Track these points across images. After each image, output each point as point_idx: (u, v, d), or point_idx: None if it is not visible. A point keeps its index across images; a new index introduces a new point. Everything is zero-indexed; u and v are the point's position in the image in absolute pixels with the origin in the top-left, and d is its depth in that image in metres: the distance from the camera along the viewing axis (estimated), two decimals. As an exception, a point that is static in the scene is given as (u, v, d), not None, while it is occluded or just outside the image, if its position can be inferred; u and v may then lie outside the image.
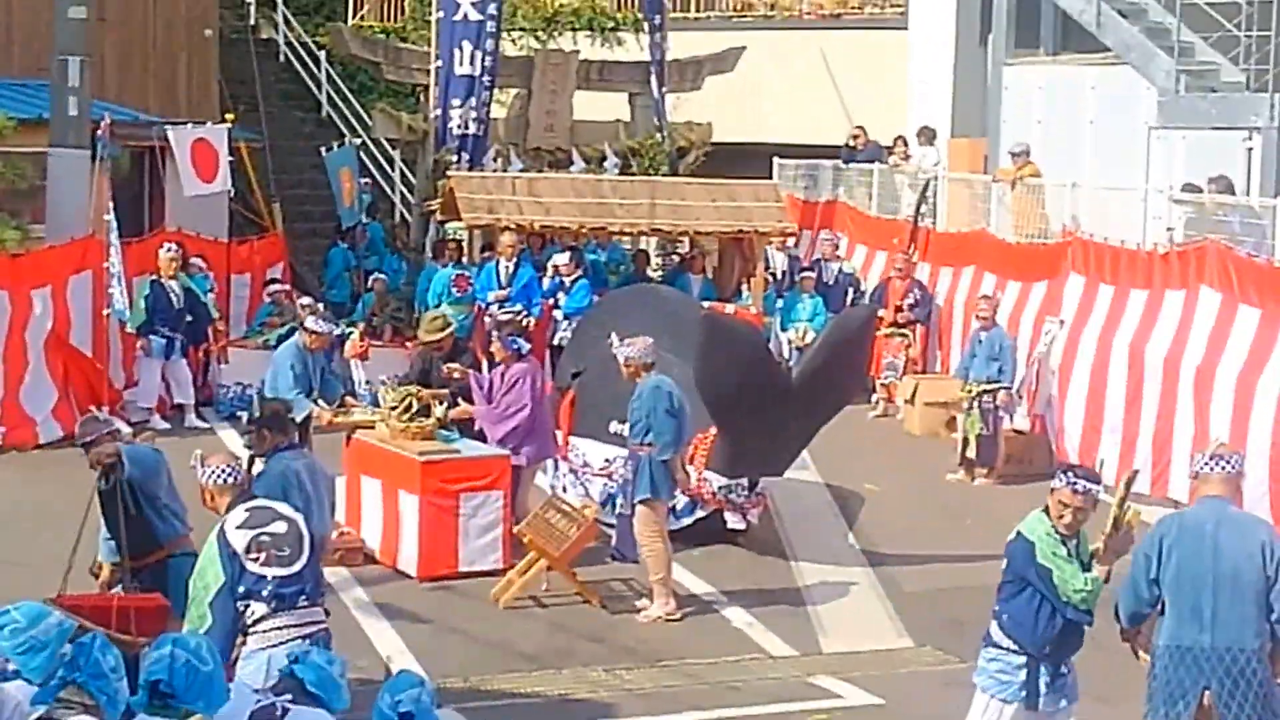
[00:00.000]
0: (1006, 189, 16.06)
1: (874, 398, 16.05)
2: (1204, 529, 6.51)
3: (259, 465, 7.98)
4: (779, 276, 17.63)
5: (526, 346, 11.25)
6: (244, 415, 7.95)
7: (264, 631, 6.57)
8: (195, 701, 4.67)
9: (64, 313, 13.94)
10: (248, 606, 6.54)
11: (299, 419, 10.89)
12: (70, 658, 4.55)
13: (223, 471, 7.09)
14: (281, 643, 6.48)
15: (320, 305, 14.87)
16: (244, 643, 6.58)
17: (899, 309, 16.03)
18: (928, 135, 18.36)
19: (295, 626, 6.61)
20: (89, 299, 14.27)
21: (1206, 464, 6.72)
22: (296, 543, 6.72)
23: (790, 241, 17.73)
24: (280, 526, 6.73)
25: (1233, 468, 6.68)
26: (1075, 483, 6.33)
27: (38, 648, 4.88)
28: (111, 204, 13.99)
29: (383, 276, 17.46)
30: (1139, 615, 6.72)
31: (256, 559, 6.60)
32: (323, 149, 19.86)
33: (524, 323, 14.12)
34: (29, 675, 4.82)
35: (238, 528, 6.69)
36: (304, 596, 6.67)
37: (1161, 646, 6.59)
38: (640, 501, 9.95)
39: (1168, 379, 12.21)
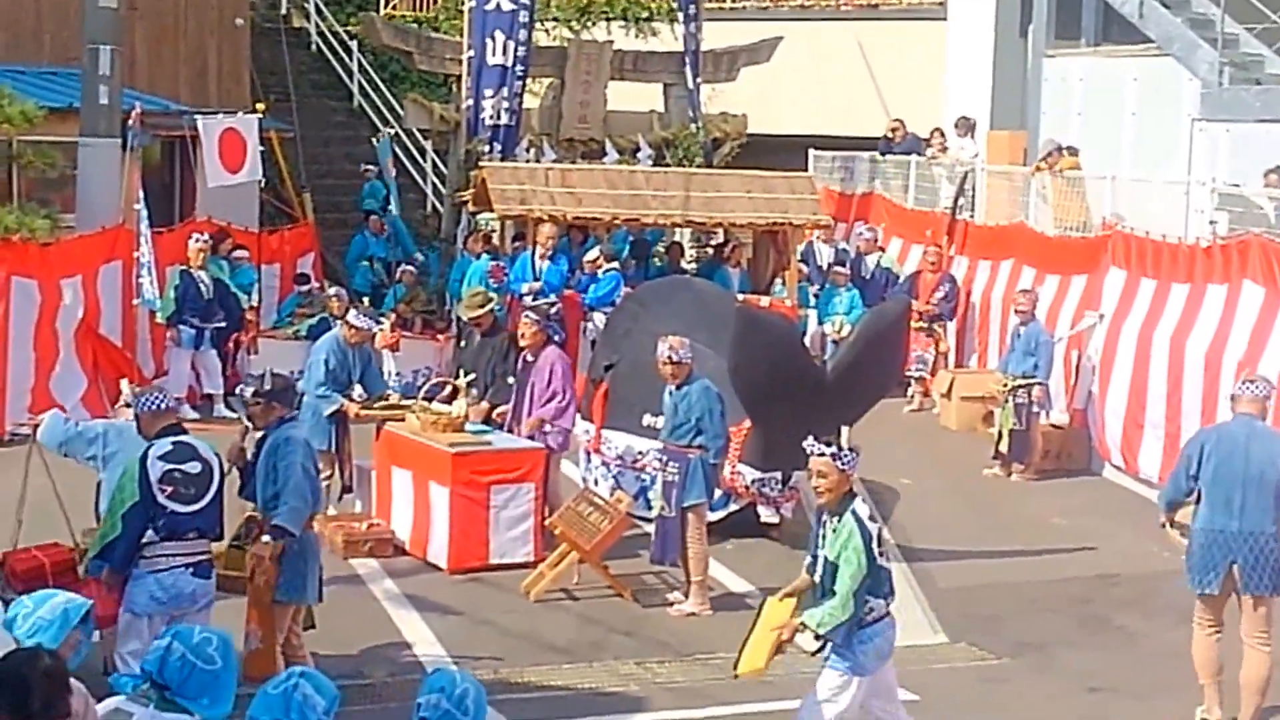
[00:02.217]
0: (1046, 182, 15.86)
1: (909, 392, 15.90)
2: (1237, 439, 8.03)
3: (254, 437, 8.08)
4: (824, 269, 17.45)
5: (562, 335, 11.16)
6: (249, 389, 7.99)
7: (150, 556, 7.32)
8: (196, 699, 4.59)
9: (94, 302, 13.92)
10: (145, 530, 7.29)
11: (328, 412, 10.91)
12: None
13: (154, 399, 7.77)
14: (167, 569, 7.34)
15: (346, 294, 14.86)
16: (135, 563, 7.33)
17: (929, 302, 15.85)
18: (966, 127, 18.17)
19: (181, 555, 7.37)
20: (119, 288, 14.25)
21: (1242, 387, 8.28)
22: (205, 484, 7.40)
23: (835, 236, 17.60)
24: (195, 467, 7.40)
25: (1261, 391, 8.19)
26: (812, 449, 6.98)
27: (44, 627, 4.98)
28: (142, 193, 13.94)
29: (411, 268, 17.38)
30: (1176, 502, 8.29)
31: (164, 491, 7.30)
32: (375, 139, 19.77)
33: (554, 311, 14.04)
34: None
35: (159, 457, 7.36)
36: (195, 531, 7.40)
37: (1199, 529, 8.06)
38: (693, 506, 9.87)
39: (1209, 374, 12.06)
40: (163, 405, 7.76)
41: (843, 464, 7.01)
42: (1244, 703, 8.08)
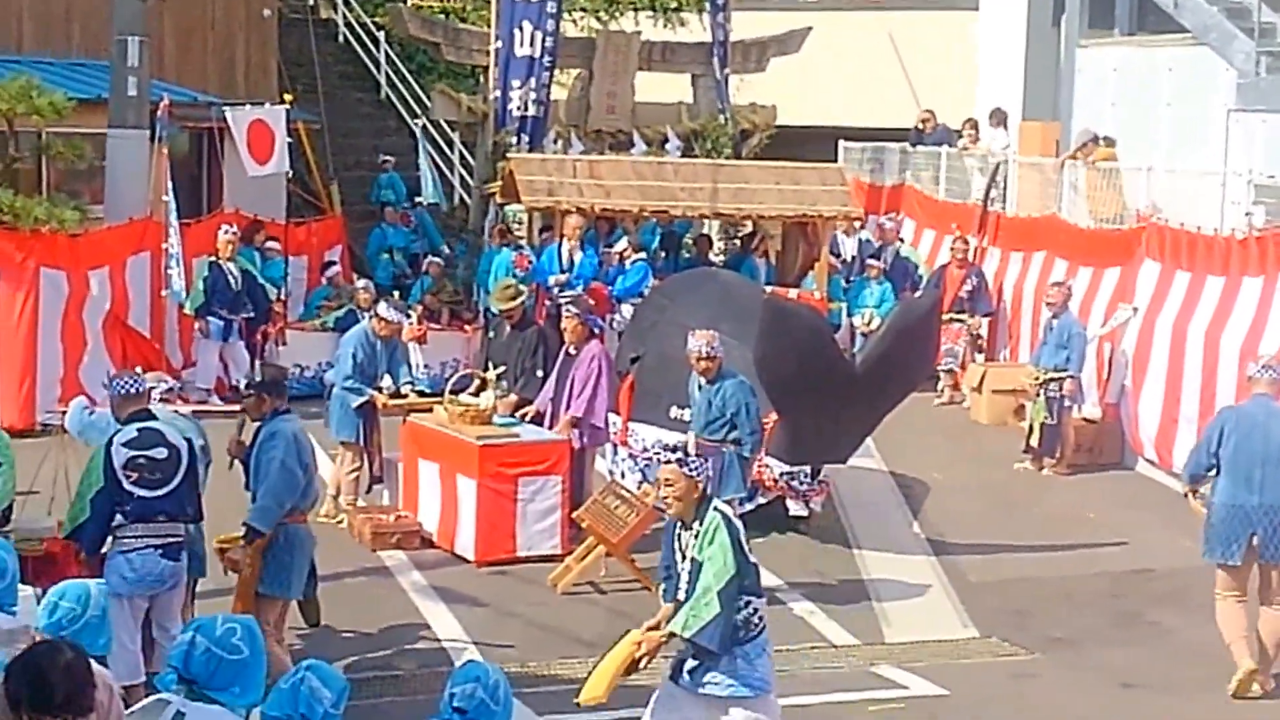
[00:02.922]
0: (1079, 173, 15.72)
1: (939, 385, 15.78)
2: (1257, 419, 8.57)
3: (251, 428, 8.10)
4: (849, 261, 17.36)
5: (600, 324, 11.12)
6: (243, 382, 8.01)
7: (122, 538, 7.49)
8: (226, 690, 4.55)
9: (122, 293, 13.92)
10: (114, 514, 7.48)
11: (355, 405, 10.89)
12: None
13: (126, 383, 7.88)
14: (136, 550, 7.48)
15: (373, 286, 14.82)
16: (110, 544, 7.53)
17: (957, 296, 15.70)
18: (998, 118, 18.02)
19: (151, 537, 7.50)
20: (147, 280, 14.24)
21: (1259, 370, 8.79)
22: (172, 469, 7.52)
23: (858, 226, 17.46)
24: (161, 453, 7.52)
25: (1276, 373, 8.71)
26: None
27: (95, 625, 5.14)
28: (171, 185, 13.94)
29: (438, 259, 17.34)
30: (1198, 476, 8.82)
31: (130, 477, 7.44)
32: (416, 127, 19.67)
33: (590, 303, 13.98)
34: (98, 651, 4.98)
35: (123, 444, 7.49)
36: (164, 514, 7.52)
37: (1220, 504, 8.56)
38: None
39: (1244, 368, 11.88)
40: (134, 389, 7.86)
41: (691, 471, 6.63)
42: (1265, 658, 8.61)
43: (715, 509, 6.60)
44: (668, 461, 6.81)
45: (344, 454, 11.31)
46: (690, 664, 6.59)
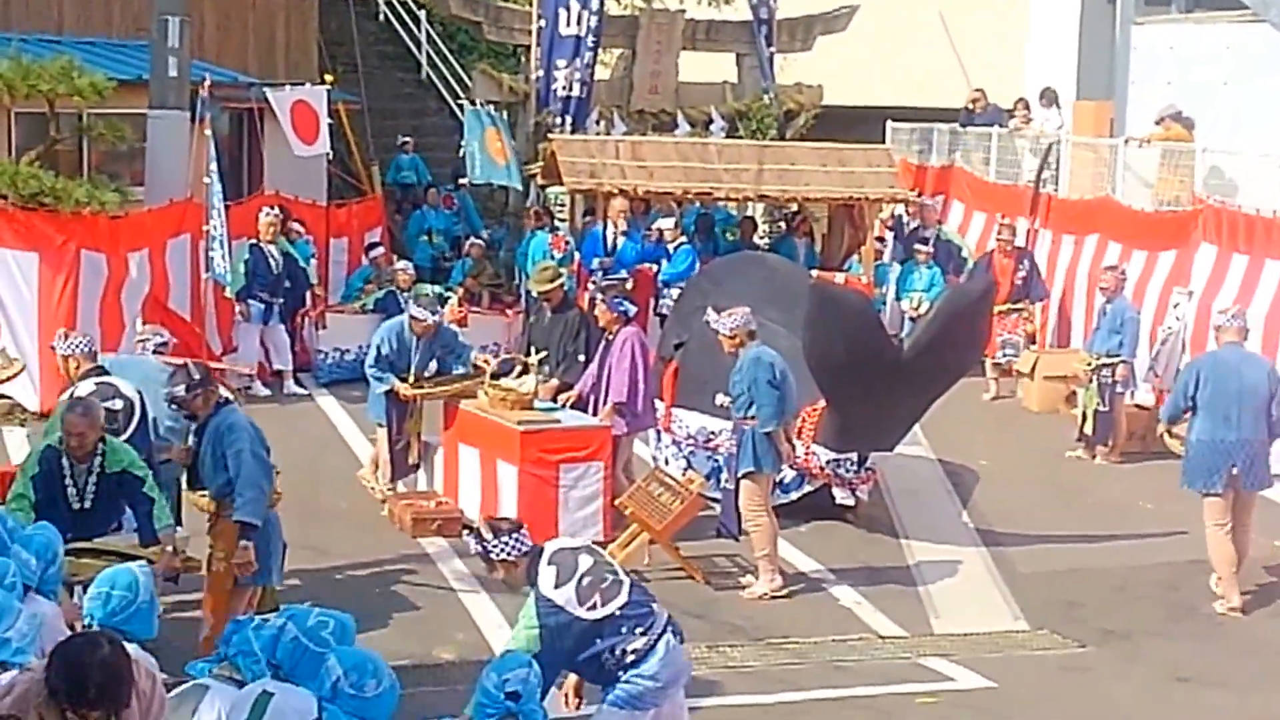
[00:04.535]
0: (1135, 153, 15.41)
1: (989, 378, 15.45)
2: (1230, 363, 9.68)
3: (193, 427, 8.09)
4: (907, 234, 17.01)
5: (633, 309, 10.98)
6: (173, 390, 7.96)
7: None
8: (307, 681, 4.66)
9: (162, 276, 13.86)
10: None
11: (378, 391, 10.90)
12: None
13: (79, 343, 8.64)
14: None
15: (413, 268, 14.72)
16: None
17: (1012, 284, 15.34)
18: (1051, 97, 17.72)
19: None
20: (187, 263, 14.18)
21: (1227, 320, 9.86)
22: (127, 418, 8.10)
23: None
24: (117, 404, 8.08)
25: (1242, 322, 9.86)
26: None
27: (146, 611, 5.20)
28: (215, 166, 13.88)
29: (479, 242, 17.19)
30: (1176, 417, 9.93)
31: None
32: (470, 103, 19.35)
33: (629, 286, 13.83)
34: (149, 635, 5.15)
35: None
36: None
37: (1201, 441, 9.63)
38: (744, 475, 9.70)
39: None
40: (86, 349, 8.67)
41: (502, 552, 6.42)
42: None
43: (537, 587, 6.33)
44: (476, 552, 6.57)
45: (382, 435, 11.29)
46: None
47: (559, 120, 17.83)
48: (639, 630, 6.34)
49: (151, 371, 8.94)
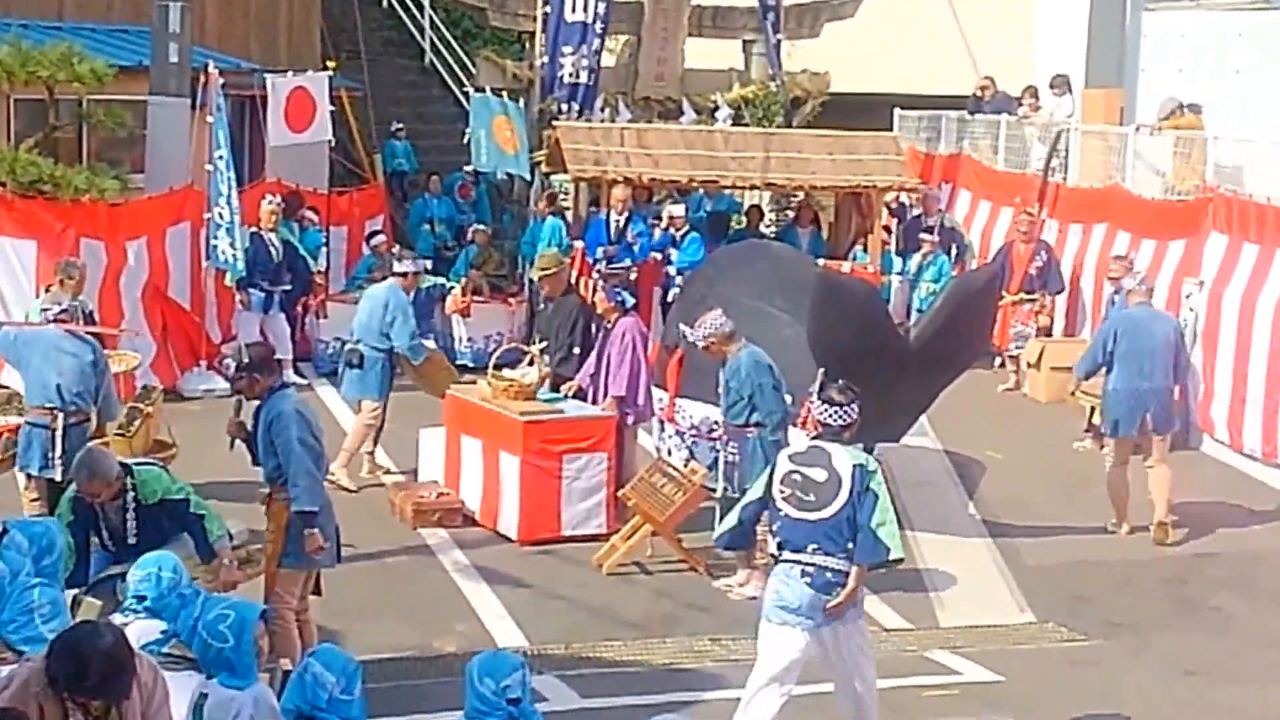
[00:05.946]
0: (1145, 141, 15.26)
1: (999, 365, 15.33)
2: (1141, 321, 10.94)
3: (250, 407, 7.98)
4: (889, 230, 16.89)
5: (632, 300, 10.89)
6: (230, 364, 7.87)
7: None
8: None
9: (162, 264, 13.78)
10: None
11: (419, 360, 11.38)
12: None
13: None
14: None
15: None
16: None
17: (1026, 274, 15.18)
18: (1060, 85, 17.56)
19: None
20: (187, 251, 14.08)
21: (1136, 284, 11.44)
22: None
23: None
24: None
25: (1147, 284, 11.64)
26: None
27: (191, 599, 5.36)
28: (225, 153, 13.76)
29: (484, 228, 17.06)
30: (1092, 372, 11.09)
31: None
32: (476, 90, 19.22)
33: (631, 276, 13.73)
34: (179, 629, 5.24)
35: None
36: None
37: (1118, 390, 10.80)
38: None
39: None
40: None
41: None
42: (1159, 505, 10.79)
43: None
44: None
45: (367, 409, 11.40)
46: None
47: (566, 107, 17.71)
48: None
49: (54, 340, 9.24)
